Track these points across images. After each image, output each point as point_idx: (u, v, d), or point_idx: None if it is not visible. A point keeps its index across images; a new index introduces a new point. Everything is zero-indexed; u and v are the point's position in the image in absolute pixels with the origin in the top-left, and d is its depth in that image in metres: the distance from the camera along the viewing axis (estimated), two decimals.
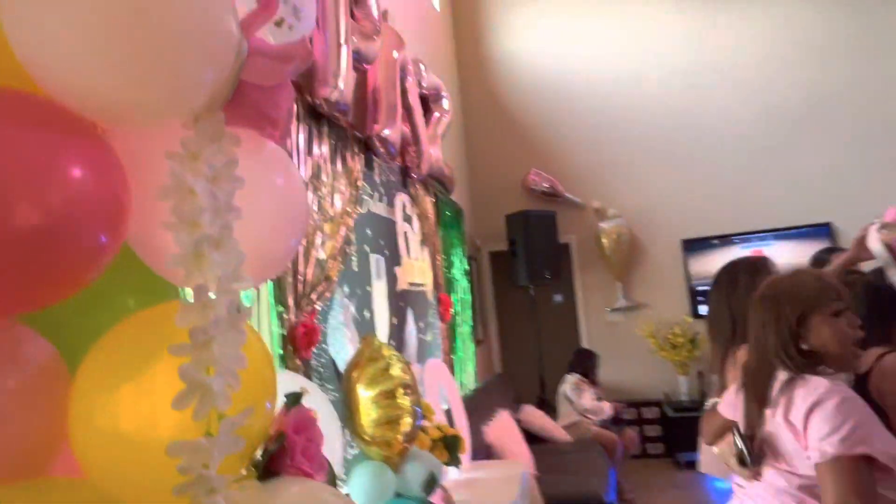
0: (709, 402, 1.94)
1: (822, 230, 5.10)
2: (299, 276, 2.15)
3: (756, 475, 1.42)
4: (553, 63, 5.83)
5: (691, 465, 4.69)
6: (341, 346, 2.48)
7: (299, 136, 2.27)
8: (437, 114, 4.01)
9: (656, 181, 5.53)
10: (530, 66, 5.90)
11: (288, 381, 0.96)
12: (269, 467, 0.67)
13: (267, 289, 1.95)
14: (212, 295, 0.59)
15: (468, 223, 5.27)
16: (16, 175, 0.56)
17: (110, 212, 0.60)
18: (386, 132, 2.94)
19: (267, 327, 1.94)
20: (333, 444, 1.02)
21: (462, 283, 4.62)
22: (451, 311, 4.17)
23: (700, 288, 5.37)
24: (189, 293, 0.61)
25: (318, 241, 2.31)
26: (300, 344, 2.03)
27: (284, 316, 2.03)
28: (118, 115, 0.61)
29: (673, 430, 5.03)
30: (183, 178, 0.59)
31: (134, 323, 0.66)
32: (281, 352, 1.98)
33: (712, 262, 5.37)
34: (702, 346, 5.11)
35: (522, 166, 5.77)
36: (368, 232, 2.93)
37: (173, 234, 0.59)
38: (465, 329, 4.57)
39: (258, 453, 0.68)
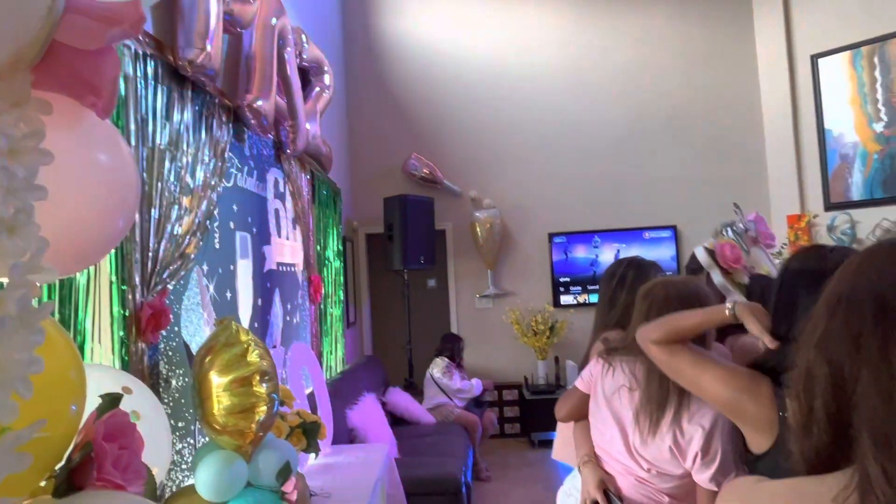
0: (570, 387, 2.07)
1: (669, 230, 5.65)
2: (149, 253, 1.97)
3: None
4: (441, 49, 5.86)
5: (544, 443, 5.04)
6: (196, 328, 2.32)
7: (157, 98, 2.07)
8: (317, 88, 3.86)
9: (531, 175, 5.79)
10: (418, 50, 5.87)
11: (109, 379, 0.87)
12: (72, 481, 0.60)
13: (108, 265, 1.76)
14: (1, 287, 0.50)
15: (345, 204, 5.17)
16: None
17: None
18: (259, 103, 2.77)
19: (107, 308, 1.75)
20: (160, 448, 0.94)
21: (335, 265, 4.53)
22: (322, 292, 4.07)
23: (562, 279, 5.72)
24: None
25: (174, 214, 2.13)
26: (146, 327, 1.86)
27: (129, 296, 1.85)
28: None
29: (529, 412, 5.34)
30: None
31: None
32: (122, 334, 1.81)
33: (575, 256, 5.74)
34: (560, 333, 5.47)
35: (403, 150, 5.76)
36: (234, 207, 2.76)
37: None
38: (336, 311, 4.49)
39: (59, 466, 0.60)
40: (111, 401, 0.66)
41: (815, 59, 5.38)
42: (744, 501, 0.60)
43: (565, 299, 5.69)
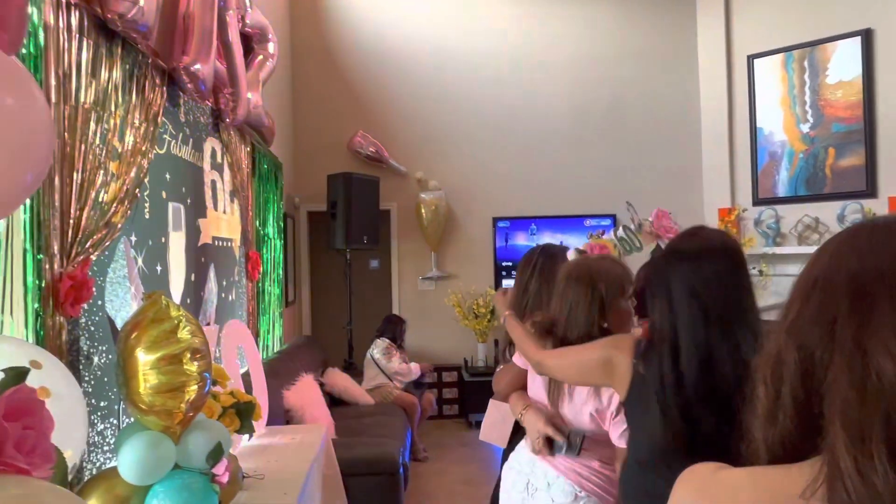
0: (500, 367, 2.10)
1: (609, 219, 5.78)
2: (70, 220, 1.82)
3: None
4: (391, 27, 5.73)
5: (481, 424, 5.11)
6: (123, 303, 2.19)
7: (82, 52, 1.91)
8: (260, 56, 3.69)
9: (477, 159, 5.78)
10: (368, 26, 5.72)
11: (15, 353, 0.79)
12: None
13: (22, 232, 1.62)
14: None
15: (287, 179, 5.01)
16: None
17: None
18: (197, 66, 2.61)
19: (20, 278, 1.61)
20: (75, 428, 0.87)
21: (275, 242, 4.39)
22: (260, 269, 3.94)
23: (504, 263, 5.78)
24: None
25: (100, 180, 1.98)
26: (65, 299, 1.73)
27: (46, 265, 1.71)
28: None
29: (468, 393, 5.39)
30: None
31: None
32: (37, 307, 1.67)
33: (515, 242, 5.81)
34: (501, 316, 5.53)
35: (349, 126, 5.62)
36: (167, 176, 2.60)
37: None
38: (274, 289, 4.36)
39: None
40: (15, 376, 0.59)
41: (751, 59, 5.60)
42: (701, 491, 0.57)
43: (507, 283, 5.75)
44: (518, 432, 1.89)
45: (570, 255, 2.02)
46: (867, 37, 5.01)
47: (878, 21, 4.96)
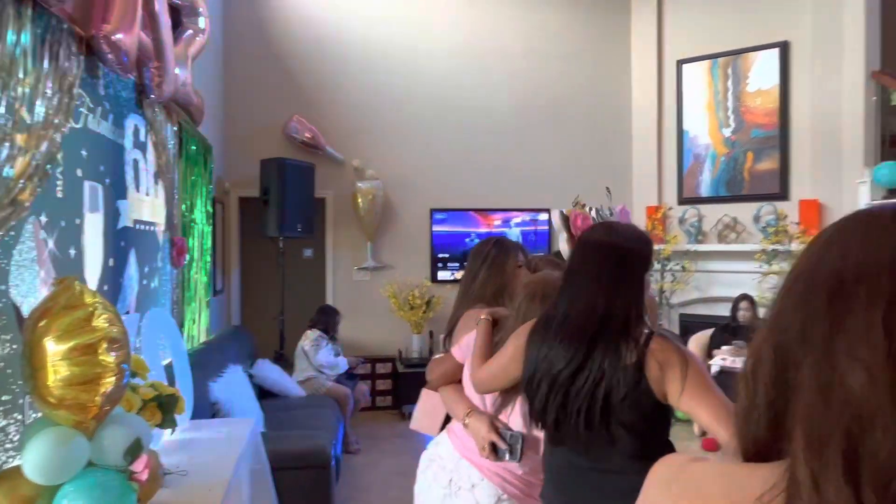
0: (437, 356, 2.07)
1: (544, 213, 5.89)
2: None
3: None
4: (331, 9, 5.58)
5: (412, 413, 5.10)
6: (30, 288, 2.01)
7: None
8: (189, 31, 3.49)
9: (416, 150, 5.74)
10: (306, 6, 5.54)
11: None
12: None
13: None
14: None
15: (217, 162, 4.79)
16: None
17: None
18: (118, 36, 2.43)
19: None
20: None
21: (203, 228, 4.19)
22: (186, 256, 3.75)
23: (441, 255, 5.78)
24: None
25: (4, 153, 1.81)
26: None
27: None
28: None
29: (402, 385, 5.37)
30: None
31: None
32: None
33: (453, 232, 5.82)
34: (436, 307, 5.54)
35: (284, 110, 5.44)
36: (84, 153, 2.42)
37: None
38: (201, 277, 4.16)
39: None
40: None
41: (680, 64, 5.85)
42: (668, 483, 0.55)
43: (443, 275, 5.76)
44: (448, 422, 1.88)
45: (555, 217, 2.06)
46: (784, 49, 5.33)
47: (794, 35, 5.29)
